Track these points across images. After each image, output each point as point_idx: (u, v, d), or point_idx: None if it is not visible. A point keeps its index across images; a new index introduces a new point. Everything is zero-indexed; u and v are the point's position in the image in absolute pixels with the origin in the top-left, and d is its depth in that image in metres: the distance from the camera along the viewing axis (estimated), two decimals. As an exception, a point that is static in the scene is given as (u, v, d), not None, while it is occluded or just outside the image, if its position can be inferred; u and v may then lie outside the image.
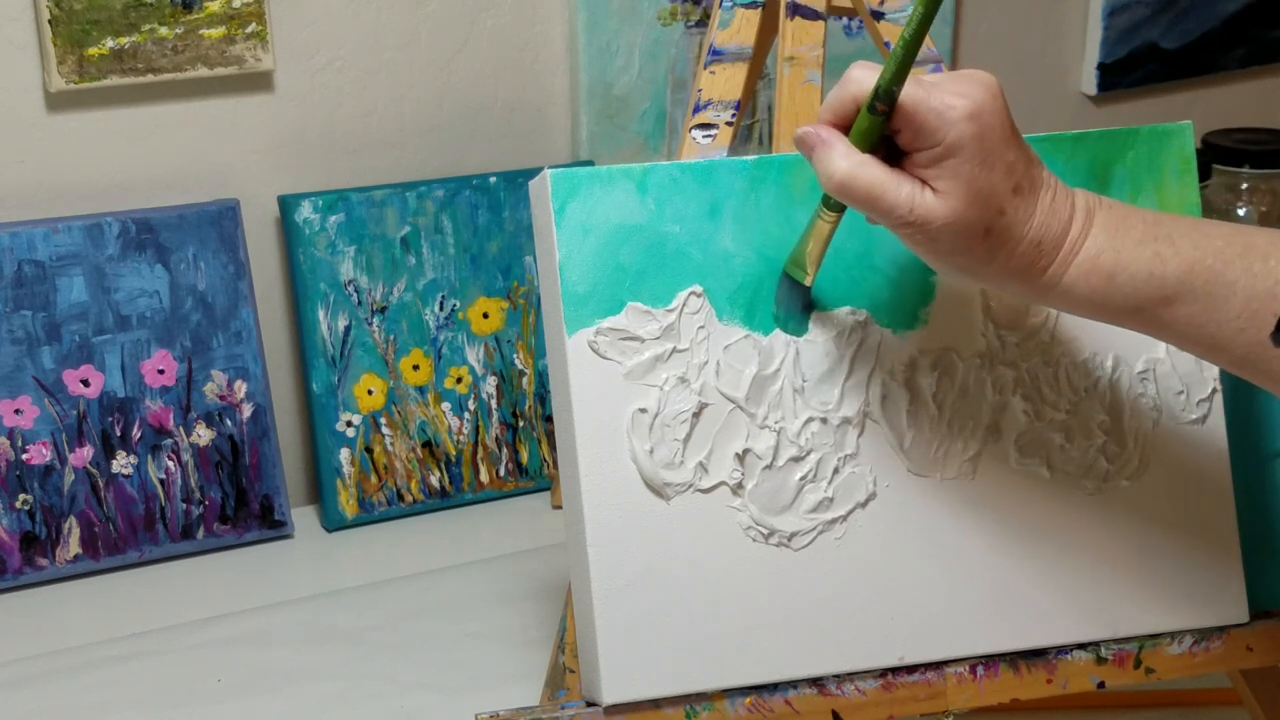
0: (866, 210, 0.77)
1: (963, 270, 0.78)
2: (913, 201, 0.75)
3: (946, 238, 0.75)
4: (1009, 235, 0.76)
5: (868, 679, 0.88)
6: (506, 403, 1.36)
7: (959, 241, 0.76)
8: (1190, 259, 0.76)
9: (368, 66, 1.34)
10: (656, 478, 0.85)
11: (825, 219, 0.82)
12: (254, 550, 1.30)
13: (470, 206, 1.33)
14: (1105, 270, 0.77)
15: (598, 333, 0.85)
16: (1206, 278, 0.76)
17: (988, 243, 0.76)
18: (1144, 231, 0.77)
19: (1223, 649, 0.93)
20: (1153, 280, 0.76)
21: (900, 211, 0.75)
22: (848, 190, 0.76)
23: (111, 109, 1.26)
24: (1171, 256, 0.76)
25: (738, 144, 0.98)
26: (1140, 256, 0.76)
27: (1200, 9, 1.70)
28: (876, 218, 0.77)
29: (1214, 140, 1.54)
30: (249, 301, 1.27)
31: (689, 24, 1.43)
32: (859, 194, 0.76)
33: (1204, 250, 0.77)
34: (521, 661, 1.11)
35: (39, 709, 1.07)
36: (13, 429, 1.21)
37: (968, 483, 0.90)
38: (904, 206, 0.75)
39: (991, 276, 0.78)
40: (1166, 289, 0.76)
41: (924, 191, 0.75)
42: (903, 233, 0.76)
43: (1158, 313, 0.77)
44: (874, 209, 0.76)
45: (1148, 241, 0.77)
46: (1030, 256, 0.77)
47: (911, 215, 0.75)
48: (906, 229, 0.76)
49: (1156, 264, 0.76)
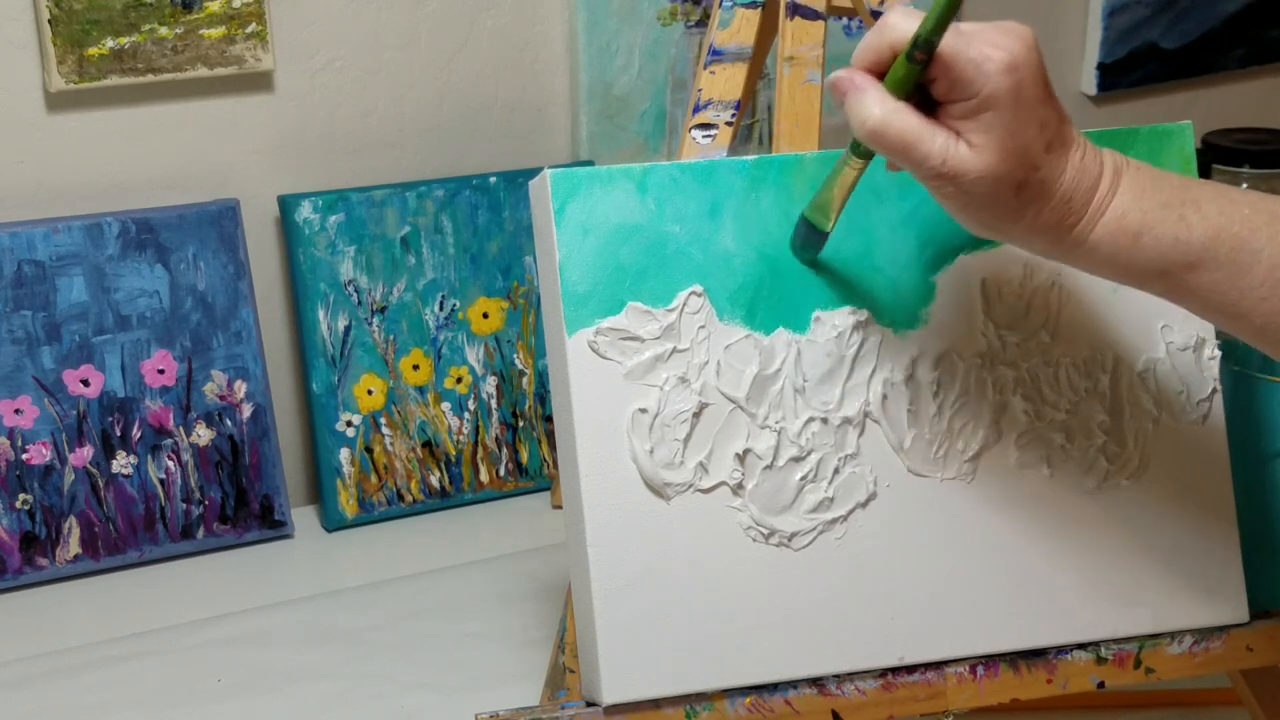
0: (898, 159, 0.75)
1: (991, 226, 0.77)
2: (946, 153, 0.74)
3: (979, 192, 0.75)
4: (1040, 191, 0.75)
5: (868, 679, 0.88)
6: (506, 403, 1.36)
7: (990, 196, 0.75)
8: (1216, 225, 0.76)
9: (368, 66, 1.34)
10: (656, 478, 0.85)
11: (852, 166, 0.81)
12: (254, 550, 1.30)
13: (470, 206, 1.33)
14: (1131, 230, 0.76)
15: (598, 333, 0.85)
16: (1232, 244, 0.76)
17: (1019, 198, 0.75)
18: (1171, 195, 0.77)
19: (1223, 649, 0.93)
20: (1178, 244, 0.76)
21: (933, 162, 0.74)
22: (880, 137, 0.75)
23: (111, 109, 1.26)
24: (1198, 221, 0.76)
25: (738, 144, 0.98)
26: (1166, 219, 0.76)
27: (1200, 9, 1.70)
28: (907, 167, 0.76)
29: (1214, 140, 1.54)
30: (249, 301, 1.27)
31: (689, 24, 1.43)
32: (892, 142, 0.75)
33: (1230, 217, 0.76)
34: (521, 661, 1.11)
35: (39, 709, 1.07)
36: (13, 429, 1.21)
37: (968, 483, 0.90)
38: (937, 157, 0.74)
39: (1019, 232, 0.77)
40: (1191, 254, 0.76)
41: (958, 144, 0.74)
42: (933, 184, 0.75)
43: (1182, 277, 0.77)
44: (906, 158, 0.75)
45: (1174, 205, 0.76)
46: (1059, 213, 0.76)
47: (944, 167, 0.74)
48: (938, 181, 0.75)
49: (1182, 228, 0.76)
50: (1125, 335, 0.92)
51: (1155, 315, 0.92)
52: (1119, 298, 0.92)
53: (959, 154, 0.74)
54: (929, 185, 0.76)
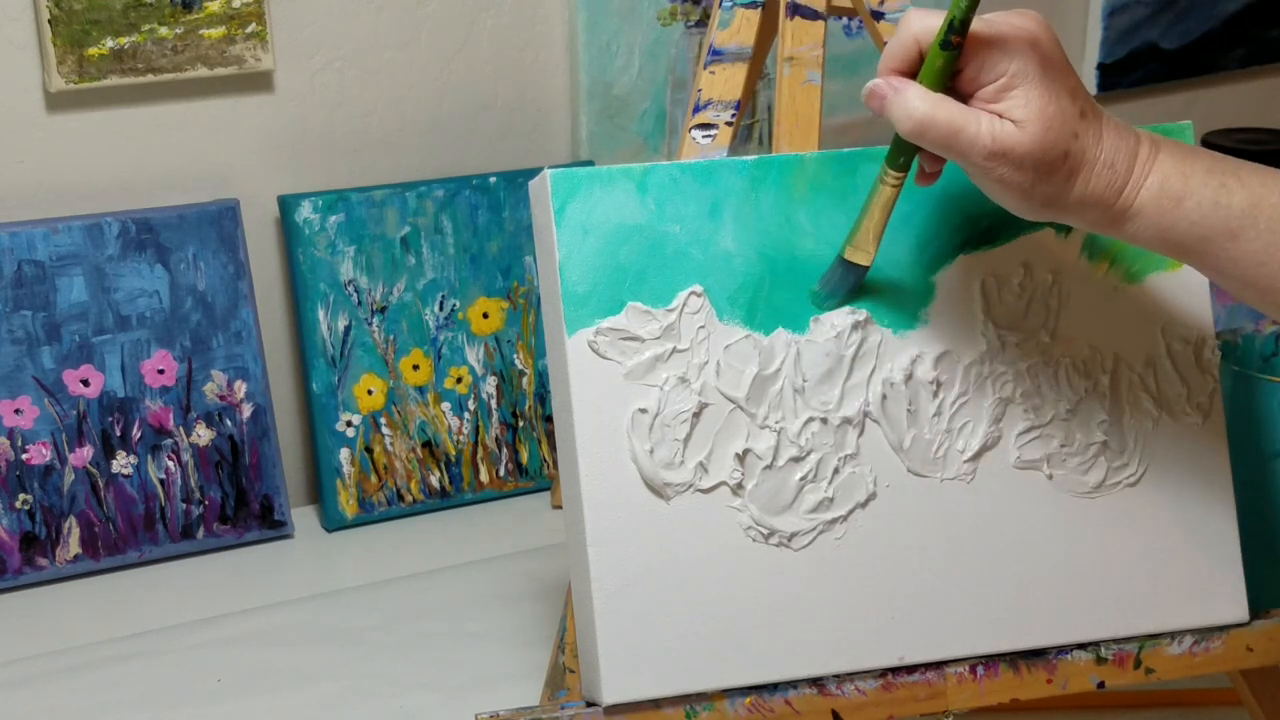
0: (947, 147, 0.77)
1: (1047, 201, 0.78)
2: (994, 131, 0.76)
3: (1029, 165, 0.76)
4: (1085, 157, 0.77)
5: (868, 679, 0.88)
6: (506, 403, 1.36)
7: (1042, 167, 0.76)
8: (1256, 194, 0.78)
9: (368, 66, 1.34)
10: (656, 478, 0.85)
11: (890, 182, 0.82)
12: (254, 550, 1.30)
13: (470, 206, 1.33)
14: (1175, 194, 0.78)
15: (598, 333, 0.85)
16: (1271, 214, 0.78)
17: (1068, 165, 0.77)
18: (1210, 164, 0.79)
19: (1223, 649, 0.93)
20: (1219, 209, 0.78)
21: (984, 141, 0.76)
22: (929, 129, 0.76)
23: (111, 109, 1.26)
24: (1237, 189, 0.78)
25: (738, 144, 0.98)
26: (1208, 184, 0.78)
27: (1200, 9, 1.70)
28: (956, 156, 0.77)
29: (1214, 140, 1.54)
30: (249, 301, 1.27)
31: (689, 24, 1.43)
32: (940, 131, 0.76)
33: (1269, 188, 0.78)
34: (521, 661, 1.11)
35: (39, 709, 1.07)
36: (13, 429, 1.21)
37: (968, 483, 0.90)
38: (986, 136, 0.76)
39: (1072, 206, 0.78)
40: (1232, 221, 0.78)
41: (1003, 122, 0.76)
42: (987, 167, 0.77)
43: (1224, 245, 0.78)
44: (955, 144, 0.76)
45: (1214, 173, 0.79)
46: (1105, 178, 0.78)
47: (995, 144, 0.76)
48: (990, 162, 0.76)
49: (1223, 194, 0.78)
50: (1125, 335, 0.92)
51: (1155, 315, 0.92)
52: (1119, 297, 0.92)
53: (1006, 130, 0.76)
54: (982, 171, 0.77)
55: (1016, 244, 0.91)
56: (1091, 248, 0.91)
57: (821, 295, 0.87)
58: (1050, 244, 0.91)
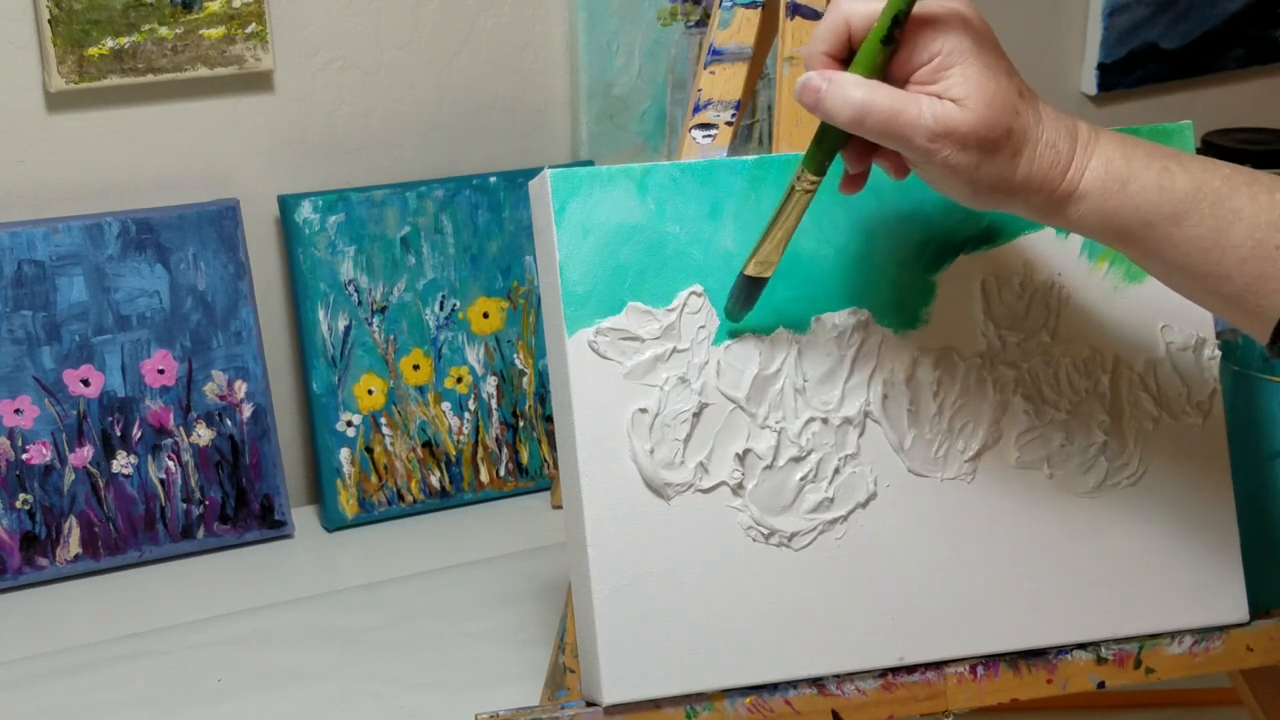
0: (888, 132, 0.75)
1: (993, 184, 0.76)
2: (935, 111, 0.74)
3: (974, 144, 0.75)
4: (1028, 135, 0.76)
5: (868, 679, 0.88)
6: (506, 403, 1.36)
7: (986, 146, 0.75)
8: (1199, 178, 0.77)
9: (368, 66, 1.34)
10: (656, 478, 0.85)
11: (805, 188, 0.80)
12: (254, 550, 1.30)
13: (470, 206, 1.33)
14: (1118, 176, 0.77)
15: (598, 333, 0.85)
16: (1213, 199, 0.77)
17: (1011, 143, 0.76)
18: (1151, 149, 0.78)
19: (1223, 649, 0.93)
20: (1163, 192, 0.77)
21: (925, 122, 0.74)
22: (868, 114, 0.74)
23: (111, 109, 1.26)
24: (1180, 173, 0.77)
25: (738, 144, 0.98)
26: (1151, 168, 0.77)
27: (1200, 9, 1.70)
28: (897, 142, 0.75)
29: (1214, 140, 1.54)
30: (249, 301, 1.27)
31: (689, 24, 1.43)
32: (880, 115, 0.74)
33: (1211, 174, 0.78)
34: (521, 661, 1.11)
35: (39, 709, 1.07)
36: (13, 429, 1.21)
37: (968, 483, 0.90)
38: (928, 116, 0.74)
39: (1018, 188, 0.77)
40: (1176, 204, 0.77)
41: (943, 102, 0.75)
42: (931, 148, 0.75)
43: (1167, 230, 0.77)
44: (895, 128, 0.75)
45: (1156, 157, 0.78)
46: (1049, 158, 0.77)
47: (937, 124, 0.74)
48: (935, 143, 0.75)
49: (1166, 177, 0.77)
50: (1125, 335, 0.92)
51: (1155, 315, 0.92)
52: (1119, 297, 0.92)
53: (947, 109, 0.75)
54: (925, 155, 0.75)
55: (1017, 244, 0.91)
56: (1091, 248, 0.91)
57: (729, 314, 0.86)
58: (1050, 244, 0.91)
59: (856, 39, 0.76)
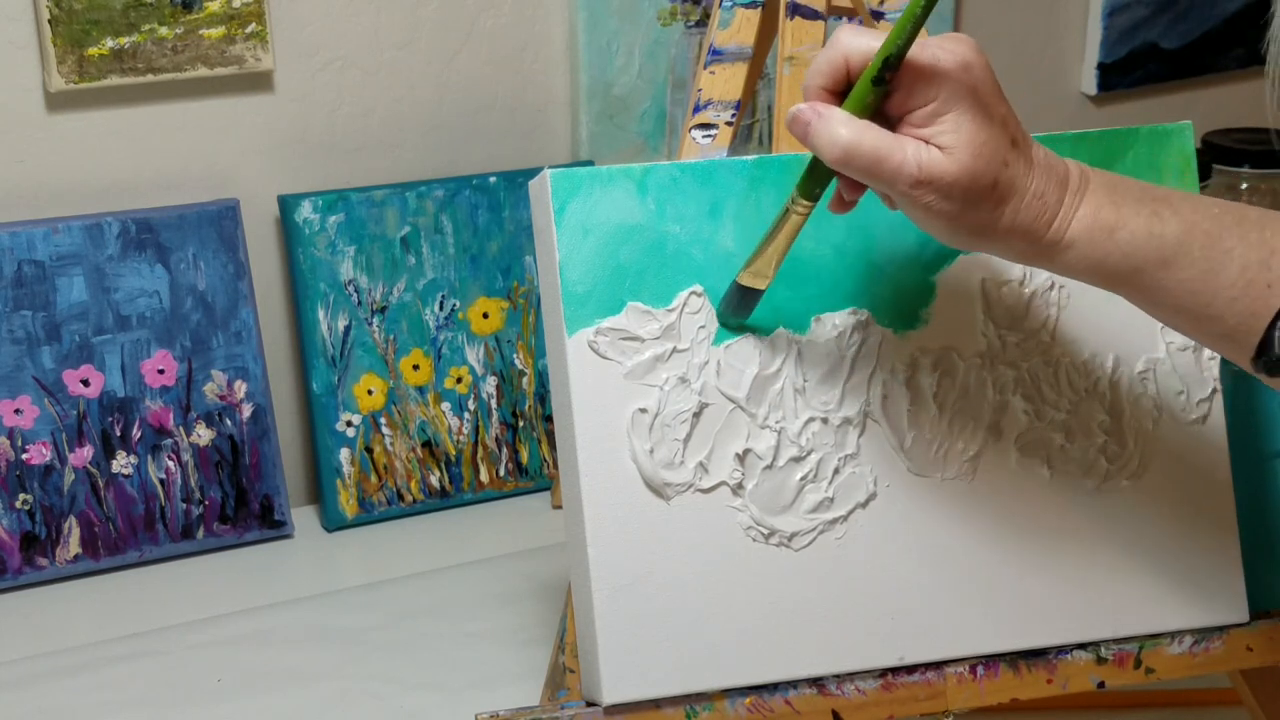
0: (872, 176, 0.75)
1: (975, 231, 0.76)
2: (920, 158, 0.74)
3: (957, 194, 0.74)
4: (1015, 186, 0.75)
5: (868, 679, 0.88)
6: (506, 403, 1.36)
7: (970, 197, 0.75)
8: (1189, 221, 0.76)
9: (368, 66, 1.34)
10: (656, 478, 0.85)
11: (799, 211, 0.80)
12: (254, 550, 1.30)
13: (470, 206, 1.33)
14: (1106, 224, 0.76)
15: (598, 333, 0.85)
16: (1204, 242, 0.76)
17: (995, 195, 0.75)
18: (1141, 192, 0.78)
19: (1223, 649, 0.93)
20: (1152, 239, 0.76)
21: (909, 169, 0.74)
22: (853, 156, 0.74)
23: (111, 109, 1.26)
24: (1170, 216, 0.77)
25: (738, 144, 0.98)
26: (1139, 214, 0.76)
27: (1200, 9, 1.70)
28: (882, 184, 0.75)
29: (1214, 140, 1.54)
30: (249, 301, 1.27)
31: (689, 24, 1.43)
32: (865, 158, 0.74)
33: (1201, 215, 0.77)
34: (521, 661, 1.11)
35: (39, 709, 1.07)
36: (13, 429, 1.21)
37: (968, 483, 0.90)
38: (912, 164, 0.74)
39: (1000, 235, 0.76)
40: (1165, 249, 0.76)
41: (929, 149, 0.74)
42: (913, 194, 0.75)
43: (1157, 275, 0.77)
44: (880, 172, 0.74)
45: (1146, 201, 0.77)
46: (1035, 209, 0.76)
47: (921, 172, 0.74)
48: (917, 190, 0.74)
49: (1155, 223, 0.76)
50: (1125, 335, 0.92)
51: (1155, 315, 0.92)
52: (1119, 298, 0.92)
53: (933, 158, 0.74)
54: (908, 198, 0.75)
55: (1016, 244, 0.90)
56: (1091, 248, 0.91)
57: (723, 318, 0.86)
58: (1050, 244, 0.91)
59: (855, 74, 0.76)
